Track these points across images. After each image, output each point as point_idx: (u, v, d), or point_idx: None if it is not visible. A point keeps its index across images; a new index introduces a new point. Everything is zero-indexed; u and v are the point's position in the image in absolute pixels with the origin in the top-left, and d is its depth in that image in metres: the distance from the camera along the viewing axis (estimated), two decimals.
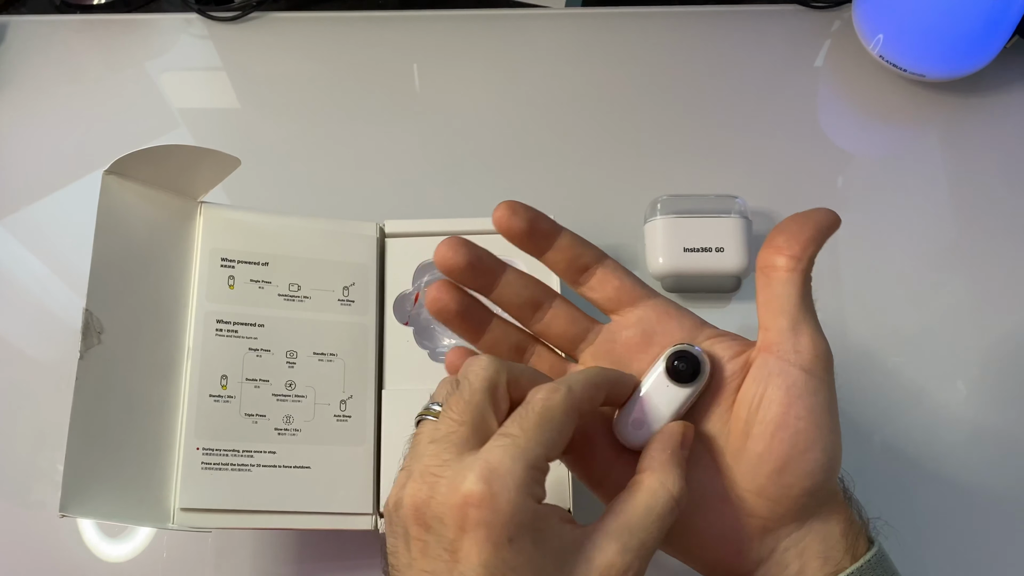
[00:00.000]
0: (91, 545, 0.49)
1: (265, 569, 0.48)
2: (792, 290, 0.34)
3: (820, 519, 0.35)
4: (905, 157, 0.60)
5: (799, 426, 0.33)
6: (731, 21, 0.65)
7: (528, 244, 0.37)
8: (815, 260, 0.35)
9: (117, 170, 0.44)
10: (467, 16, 0.65)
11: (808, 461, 0.33)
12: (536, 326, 0.38)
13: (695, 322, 0.37)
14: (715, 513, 0.35)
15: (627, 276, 0.38)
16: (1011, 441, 0.51)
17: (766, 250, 0.35)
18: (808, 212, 0.36)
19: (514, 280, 0.38)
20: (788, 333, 0.34)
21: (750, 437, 0.34)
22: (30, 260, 0.57)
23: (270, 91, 0.63)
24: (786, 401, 0.33)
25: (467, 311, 0.38)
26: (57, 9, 0.66)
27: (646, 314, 0.37)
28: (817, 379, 0.34)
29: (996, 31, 0.55)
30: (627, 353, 0.37)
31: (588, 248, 0.38)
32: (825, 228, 0.35)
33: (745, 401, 0.35)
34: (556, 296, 0.38)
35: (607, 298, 0.38)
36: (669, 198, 0.53)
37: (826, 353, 0.34)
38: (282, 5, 0.66)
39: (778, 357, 0.34)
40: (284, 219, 0.48)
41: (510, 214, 0.36)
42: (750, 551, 0.35)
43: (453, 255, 0.36)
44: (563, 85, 0.63)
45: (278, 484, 0.43)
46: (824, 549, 0.34)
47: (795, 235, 0.35)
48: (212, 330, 0.45)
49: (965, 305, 0.55)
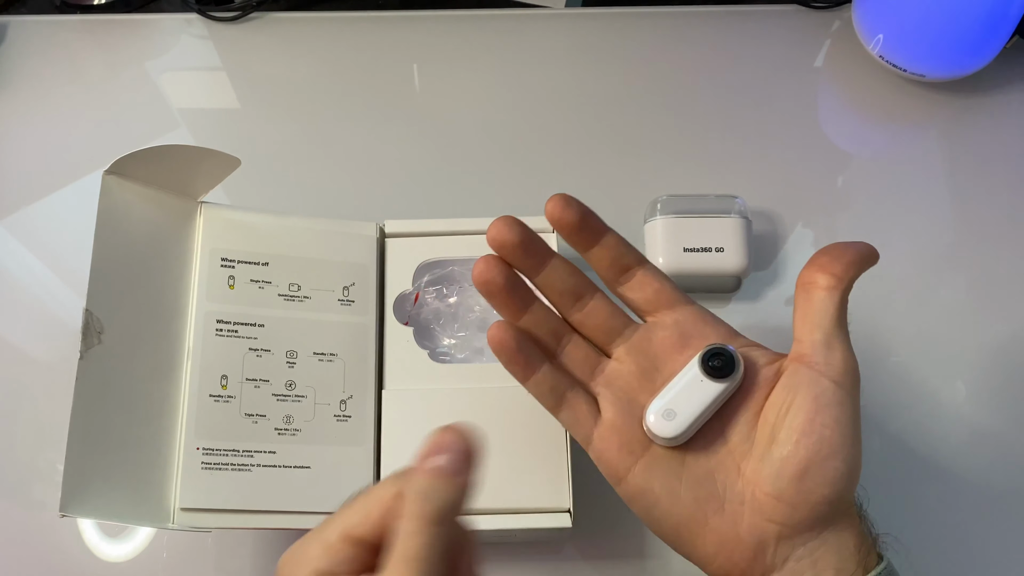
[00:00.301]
0: (91, 545, 0.49)
1: (265, 569, 0.48)
2: (830, 307, 0.36)
3: (835, 531, 0.35)
4: (905, 157, 0.60)
5: (824, 433, 0.34)
6: (731, 21, 0.65)
7: (577, 237, 0.38)
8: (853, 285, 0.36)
9: (117, 170, 0.44)
10: (467, 16, 0.65)
11: (830, 469, 0.34)
12: (575, 316, 0.39)
13: (729, 331, 0.39)
14: (734, 516, 0.36)
15: (667, 281, 0.39)
16: (1011, 441, 0.51)
17: (809, 269, 0.37)
18: (851, 242, 0.37)
19: (560, 267, 0.39)
20: (821, 347, 0.35)
21: (775, 442, 0.35)
22: (30, 260, 0.57)
23: (270, 91, 0.63)
24: (813, 408, 0.34)
25: (513, 288, 0.38)
26: (57, 9, 0.66)
27: (683, 318, 0.38)
28: (845, 392, 0.35)
29: (996, 31, 0.55)
30: (663, 352, 0.38)
31: (632, 250, 0.39)
32: (866, 257, 0.37)
33: (774, 407, 0.36)
34: (598, 290, 0.39)
35: (645, 300, 0.39)
36: (669, 198, 0.53)
37: (855, 370, 0.36)
38: (282, 5, 0.66)
39: (810, 368, 0.35)
40: (284, 219, 0.48)
41: (564, 206, 0.38)
42: (764, 557, 0.35)
43: (508, 231, 0.37)
44: (563, 85, 0.63)
45: (278, 484, 0.43)
46: (838, 561, 0.35)
47: (838, 258, 0.36)
48: (212, 330, 0.45)
49: (965, 305, 0.55)
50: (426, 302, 0.50)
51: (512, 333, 0.38)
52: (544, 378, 0.38)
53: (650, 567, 0.48)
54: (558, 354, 0.39)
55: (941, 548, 0.48)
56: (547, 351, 0.39)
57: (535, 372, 0.38)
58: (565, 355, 0.39)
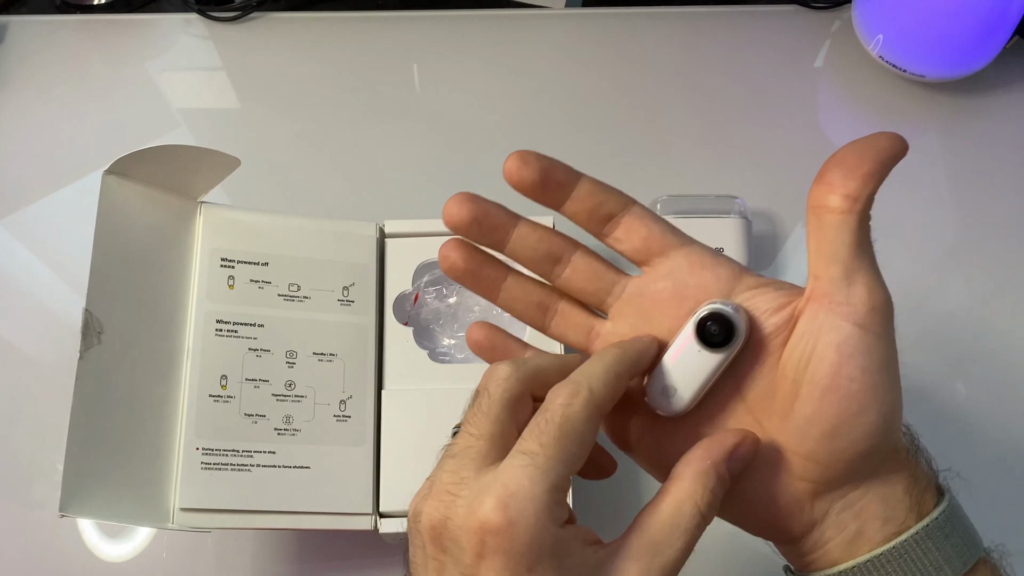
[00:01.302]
0: (91, 545, 0.49)
1: (265, 569, 0.48)
2: (846, 234, 0.30)
3: (879, 479, 0.32)
4: (905, 157, 0.60)
5: (851, 388, 0.30)
6: (731, 21, 0.65)
7: (542, 196, 0.34)
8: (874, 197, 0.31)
9: (117, 170, 0.44)
10: (467, 16, 0.65)
11: (861, 425, 0.30)
12: (558, 281, 0.35)
13: (733, 271, 0.33)
14: (762, 476, 0.32)
15: (656, 223, 0.34)
16: (1011, 441, 0.51)
17: (818, 186, 0.31)
18: (869, 139, 0.31)
19: (528, 233, 0.34)
20: (841, 283, 0.31)
21: (798, 398, 0.31)
22: (30, 260, 0.57)
23: (270, 91, 0.63)
24: (837, 361, 0.30)
25: (478, 269, 0.35)
26: (57, 9, 0.66)
27: (678, 264, 0.34)
28: (872, 335, 0.31)
29: (996, 31, 0.55)
30: (657, 308, 0.34)
31: (612, 194, 0.34)
32: (888, 159, 0.31)
33: (792, 359, 0.31)
34: (578, 248, 0.35)
35: (635, 249, 0.34)
36: (669, 198, 0.53)
37: (884, 304, 0.31)
38: (282, 5, 0.66)
39: (829, 310, 0.31)
40: (284, 219, 0.48)
41: (520, 164, 0.33)
42: (802, 514, 0.33)
43: (458, 210, 0.34)
44: (563, 85, 0.63)
45: (278, 484, 0.43)
46: (885, 510, 0.32)
47: (853, 168, 0.31)
48: (212, 330, 0.45)
49: (965, 305, 0.55)
50: (426, 302, 0.50)
51: (484, 334, 0.36)
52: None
53: None
54: (547, 326, 0.36)
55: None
56: (535, 326, 0.36)
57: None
58: (554, 326, 0.36)
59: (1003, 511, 0.50)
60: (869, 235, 0.31)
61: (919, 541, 0.31)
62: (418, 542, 0.30)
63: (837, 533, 0.32)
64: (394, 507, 0.45)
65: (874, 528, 0.32)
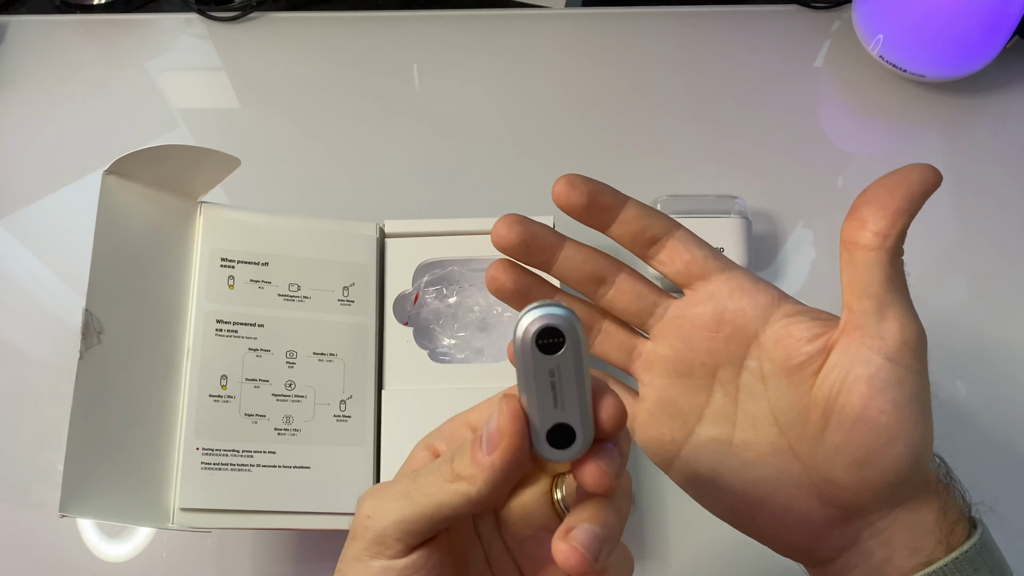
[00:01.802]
0: (91, 545, 0.49)
1: (265, 569, 0.48)
2: (878, 271, 0.31)
3: (908, 508, 0.32)
4: (905, 157, 0.60)
5: (881, 420, 0.31)
6: (731, 21, 0.65)
7: (590, 219, 0.35)
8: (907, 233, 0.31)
9: (117, 170, 0.44)
10: (467, 16, 0.65)
11: (890, 456, 0.31)
12: (602, 301, 0.36)
13: (772, 298, 0.34)
14: (791, 499, 0.33)
15: (700, 248, 0.35)
16: (1011, 441, 0.51)
17: (849, 223, 0.32)
18: (900, 173, 0.31)
19: (574, 255, 0.35)
20: (873, 317, 0.31)
21: (828, 427, 0.32)
22: (30, 260, 0.57)
23: (270, 91, 0.63)
24: (868, 393, 0.31)
25: (527, 290, 0.35)
26: (57, 9, 0.66)
27: (718, 289, 0.34)
28: (903, 368, 0.31)
29: (996, 31, 0.55)
30: (696, 331, 0.35)
31: (657, 219, 0.35)
32: (919, 194, 0.31)
33: (824, 388, 0.32)
34: (623, 269, 0.36)
35: (677, 272, 0.35)
36: (669, 198, 0.53)
37: (916, 339, 0.31)
38: (282, 5, 0.66)
39: (861, 343, 0.31)
40: (284, 219, 0.48)
41: (568, 188, 0.34)
42: (830, 538, 0.33)
43: (507, 232, 0.34)
44: (563, 85, 0.63)
45: (278, 484, 0.43)
46: (913, 540, 0.32)
47: (883, 206, 0.31)
48: (212, 330, 0.45)
49: (965, 305, 0.55)
50: (426, 302, 0.50)
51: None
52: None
53: (650, 567, 0.48)
54: (591, 345, 0.37)
55: None
56: None
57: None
58: (597, 345, 0.37)
59: (1004, 511, 0.50)
60: (902, 269, 0.32)
61: (947, 574, 0.31)
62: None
63: (864, 560, 0.33)
64: None
65: (902, 557, 0.32)
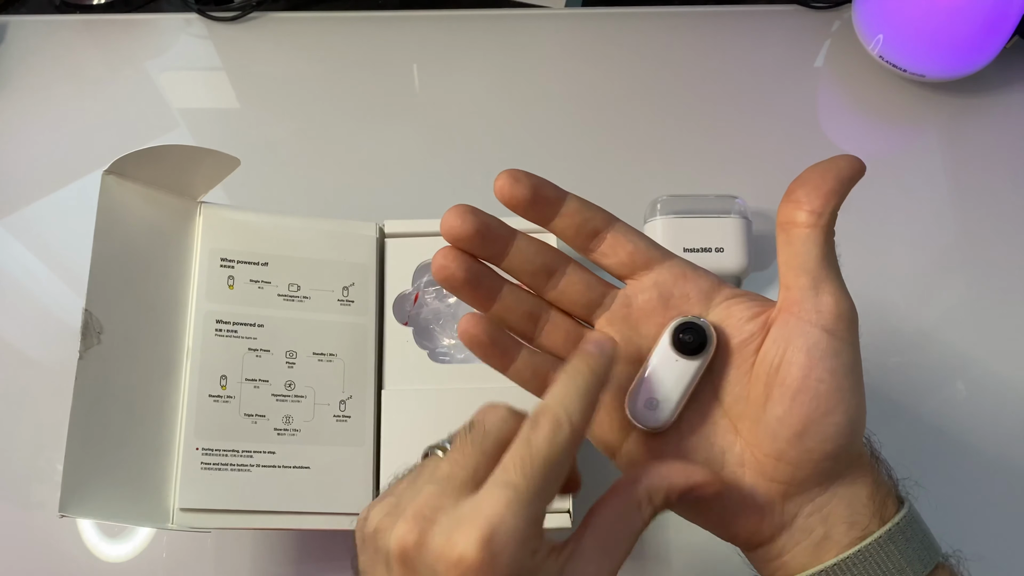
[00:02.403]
0: (91, 545, 0.49)
1: (265, 569, 0.48)
2: (813, 247, 0.33)
3: (845, 483, 0.34)
4: (905, 157, 0.60)
5: (820, 389, 0.32)
6: (731, 21, 0.65)
7: (532, 213, 0.36)
8: (838, 213, 0.33)
9: (117, 170, 0.44)
10: (467, 16, 0.65)
11: (830, 425, 0.32)
12: (551, 293, 0.37)
13: (712, 283, 0.36)
14: (735, 478, 0.34)
15: (640, 239, 0.36)
16: (1011, 441, 0.51)
17: (785, 205, 0.34)
18: (829, 161, 0.34)
19: (525, 247, 0.36)
20: (809, 292, 0.33)
21: (770, 400, 0.33)
22: (30, 260, 0.57)
23: (270, 91, 0.63)
24: (807, 363, 0.32)
25: (476, 279, 0.36)
26: (57, 9, 0.66)
27: (662, 277, 0.36)
28: (840, 340, 0.33)
29: (996, 31, 0.55)
30: (643, 317, 0.36)
31: (597, 212, 0.36)
32: (848, 178, 0.33)
33: (765, 364, 0.34)
34: (570, 262, 0.37)
35: (620, 263, 0.36)
36: (669, 198, 0.53)
37: (849, 312, 0.33)
38: (282, 5, 0.66)
39: (799, 318, 0.33)
40: (284, 219, 0.48)
41: (512, 182, 0.35)
42: (772, 516, 0.34)
43: (460, 223, 0.35)
44: (563, 85, 0.63)
45: (277, 484, 0.43)
46: (850, 514, 0.33)
47: (816, 187, 0.33)
48: (212, 330, 0.45)
49: (965, 305, 0.55)
50: (426, 302, 0.50)
51: (482, 326, 0.36)
52: (524, 364, 0.37)
53: (650, 567, 0.48)
54: (536, 336, 0.37)
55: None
56: (524, 335, 0.37)
57: (513, 360, 0.37)
58: (544, 335, 0.37)
59: (1004, 511, 0.50)
60: (834, 249, 0.34)
61: (882, 545, 0.33)
62: (380, 559, 0.30)
63: (805, 537, 0.34)
64: None
65: (840, 532, 0.33)
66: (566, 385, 0.31)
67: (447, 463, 0.30)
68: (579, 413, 0.30)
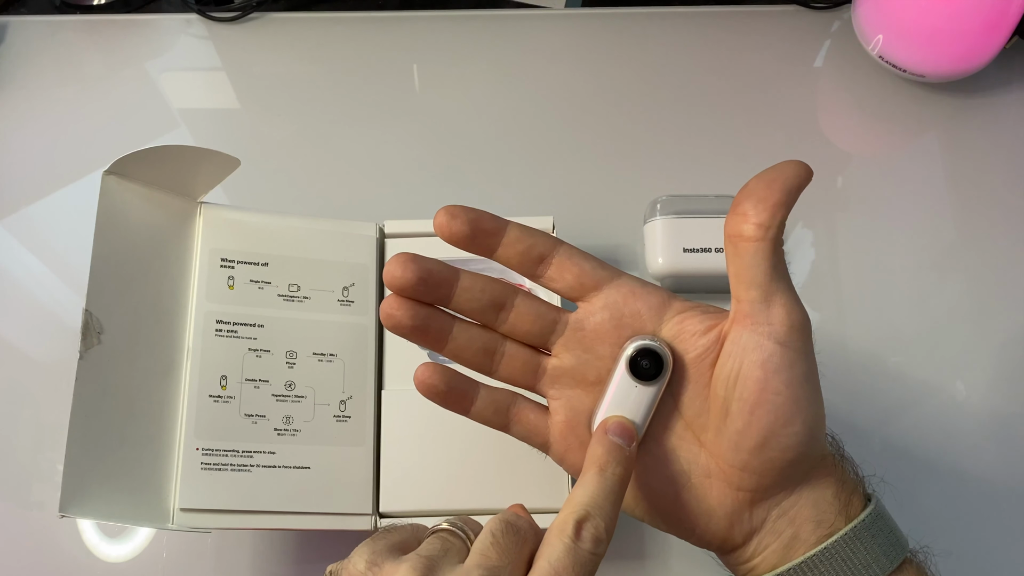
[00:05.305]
0: (91, 545, 0.49)
1: (265, 569, 0.48)
2: (762, 261, 0.33)
3: (809, 485, 0.35)
4: (905, 157, 0.60)
5: (777, 401, 0.33)
6: (731, 21, 0.65)
7: (474, 246, 0.36)
8: (786, 223, 0.33)
9: (117, 170, 0.44)
10: (467, 16, 0.65)
11: (789, 435, 0.33)
12: (503, 327, 0.37)
13: (662, 298, 0.36)
14: (701, 489, 0.35)
15: (586, 260, 0.36)
16: (1012, 441, 0.51)
17: (732, 217, 0.34)
18: (776, 169, 0.34)
19: (470, 286, 0.36)
20: (760, 305, 0.33)
21: (729, 415, 0.34)
22: (30, 260, 0.57)
23: (270, 91, 0.63)
24: (762, 377, 0.33)
25: (424, 324, 0.36)
26: (57, 9, 0.66)
27: (611, 298, 0.36)
28: (793, 351, 0.33)
29: (996, 31, 0.55)
30: (597, 339, 0.36)
31: (539, 237, 0.36)
32: (795, 187, 0.33)
33: (721, 378, 0.34)
34: (518, 293, 0.37)
35: (568, 287, 0.36)
36: (669, 198, 0.53)
37: (801, 322, 0.33)
38: (282, 5, 0.66)
39: (752, 331, 0.33)
40: (284, 219, 0.48)
41: (449, 219, 0.35)
42: (741, 523, 0.35)
43: (402, 272, 0.35)
44: (563, 85, 0.63)
45: (278, 484, 0.43)
46: (816, 513, 0.34)
47: (762, 199, 0.33)
48: (212, 330, 0.45)
49: (965, 305, 0.55)
50: None
51: (438, 375, 0.37)
52: (484, 404, 0.37)
53: (650, 567, 0.48)
54: (494, 369, 0.37)
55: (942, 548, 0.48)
56: (482, 370, 0.37)
57: (473, 402, 0.37)
58: (502, 368, 0.37)
59: (1005, 511, 0.50)
60: (783, 259, 0.34)
61: (848, 541, 0.34)
62: None
63: (775, 539, 0.35)
64: (394, 508, 0.45)
65: (807, 531, 0.34)
66: (601, 486, 0.32)
67: (496, 553, 0.30)
68: (613, 519, 0.31)
